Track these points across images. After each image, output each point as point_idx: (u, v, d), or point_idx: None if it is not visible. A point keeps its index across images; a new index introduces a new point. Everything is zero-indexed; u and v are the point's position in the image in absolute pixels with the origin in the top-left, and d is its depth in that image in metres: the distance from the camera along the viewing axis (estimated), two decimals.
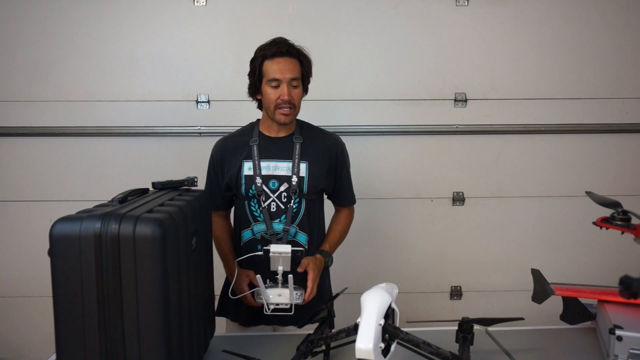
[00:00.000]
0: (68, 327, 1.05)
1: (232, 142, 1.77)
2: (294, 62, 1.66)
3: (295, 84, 1.66)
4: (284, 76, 1.63)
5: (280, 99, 1.64)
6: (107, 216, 1.04)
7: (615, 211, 1.54)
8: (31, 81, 2.50)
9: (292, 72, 1.65)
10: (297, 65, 1.67)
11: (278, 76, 1.64)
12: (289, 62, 1.65)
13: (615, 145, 2.65)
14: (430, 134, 2.61)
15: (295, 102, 1.67)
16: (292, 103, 1.65)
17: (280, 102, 1.64)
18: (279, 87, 1.64)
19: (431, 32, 2.56)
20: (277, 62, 1.64)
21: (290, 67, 1.65)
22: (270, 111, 1.68)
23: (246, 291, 1.64)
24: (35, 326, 2.59)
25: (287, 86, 1.64)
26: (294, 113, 1.69)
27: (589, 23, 2.58)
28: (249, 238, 1.73)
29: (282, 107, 1.65)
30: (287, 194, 1.70)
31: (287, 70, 1.64)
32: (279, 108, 1.65)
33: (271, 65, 1.64)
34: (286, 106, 1.65)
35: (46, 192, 2.56)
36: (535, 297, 1.52)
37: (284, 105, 1.65)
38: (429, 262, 2.69)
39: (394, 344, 1.18)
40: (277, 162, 1.71)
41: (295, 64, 1.67)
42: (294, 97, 1.66)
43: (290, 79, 1.64)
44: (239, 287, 1.67)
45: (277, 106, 1.65)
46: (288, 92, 1.64)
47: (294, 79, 1.65)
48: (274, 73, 1.64)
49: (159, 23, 2.50)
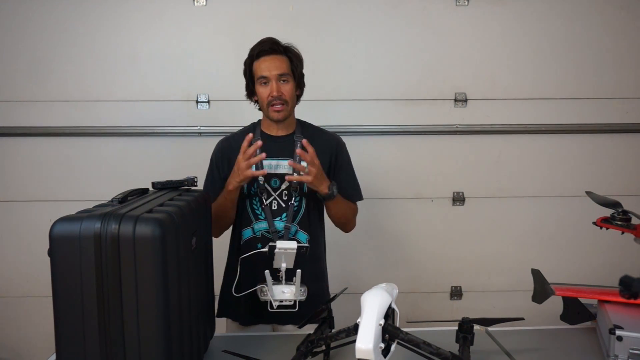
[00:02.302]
0: (68, 327, 1.05)
1: (235, 142, 1.78)
2: (280, 59, 1.69)
3: (285, 79, 1.68)
4: (271, 73, 1.66)
5: (270, 95, 1.67)
6: (107, 216, 1.04)
7: (615, 211, 1.54)
8: (32, 81, 2.51)
9: (278, 68, 1.67)
10: (285, 62, 1.69)
11: (265, 74, 1.67)
12: (275, 59, 1.68)
13: (615, 145, 2.65)
14: (430, 134, 2.61)
15: (286, 97, 1.69)
16: (282, 99, 1.68)
17: (271, 98, 1.67)
18: (268, 85, 1.67)
19: (431, 32, 2.56)
20: (264, 61, 1.68)
21: (276, 64, 1.67)
22: (265, 110, 1.71)
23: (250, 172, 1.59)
24: (35, 326, 2.59)
25: (275, 82, 1.66)
26: (287, 109, 1.71)
27: (589, 23, 2.58)
28: (250, 236, 1.74)
29: (274, 104, 1.68)
30: (288, 192, 1.72)
31: (273, 67, 1.67)
32: (271, 105, 1.68)
33: (259, 64, 1.68)
34: (277, 102, 1.67)
35: (46, 192, 2.56)
36: (535, 297, 1.52)
37: (275, 102, 1.67)
38: (429, 262, 2.69)
39: (394, 344, 1.18)
40: (279, 161, 1.72)
41: (283, 60, 1.69)
42: (285, 93, 1.68)
43: (278, 75, 1.67)
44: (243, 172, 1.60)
45: (269, 103, 1.68)
46: (277, 88, 1.66)
47: (282, 75, 1.68)
48: (261, 71, 1.67)
49: (159, 23, 2.50)
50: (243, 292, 1.62)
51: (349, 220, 1.86)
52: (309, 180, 1.60)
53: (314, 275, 1.76)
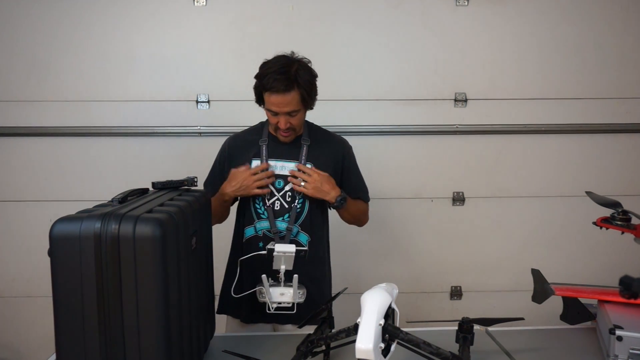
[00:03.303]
0: (68, 327, 1.05)
1: (242, 140, 1.82)
2: (292, 96, 1.62)
3: (295, 113, 1.67)
4: (281, 110, 1.65)
5: (278, 126, 1.68)
6: (107, 216, 1.04)
7: (615, 211, 1.54)
8: (31, 81, 2.50)
9: (289, 105, 1.64)
10: (296, 97, 1.63)
11: (275, 109, 1.65)
12: (287, 97, 1.62)
13: (615, 145, 2.65)
14: (430, 134, 2.61)
15: (294, 127, 1.71)
16: (290, 129, 1.70)
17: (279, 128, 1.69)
18: (277, 115, 1.66)
19: (431, 32, 2.56)
20: (275, 97, 1.62)
21: (287, 101, 1.63)
22: (272, 128, 1.74)
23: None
24: (35, 326, 2.59)
25: (284, 118, 1.66)
26: (294, 134, 1.75)
27: (589, 23, 2.58)
28: (251, 235, 1.75)
29: (280, 132, 1.71)
30: (292, 194, 1.73)
31: (284, 105, 1.64)
32: (279, 130, 1.70)
33: (269, 97, 1.64)
34: (286, 132, 1.70)
35: (46, 192, 2.56)
36: (535, 297, 1.52)
37: (283, 132, 1.70)
38: (429, 262, 2.69)
39: (394, 344, 1.18)
40: (284, 162, 1.74)
41: (294, 96, 1.63)
42: (293, 123, 1.69)
43: (287, 112, 1.65)
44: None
45: (276, 130, 1.71)
46: (285, 122, 1.67)
47: (292, 111, 1.66)
48: (270, 106, 1.66)
49: (159, 23, 2.50)
50: (243, 292, 1.62)
51: (361, 220, 1.91)
52: (309, 192, 1.67)
53: (315, 277, 1.76)
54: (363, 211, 1.89)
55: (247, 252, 1.65)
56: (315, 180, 1.68)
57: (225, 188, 1.72)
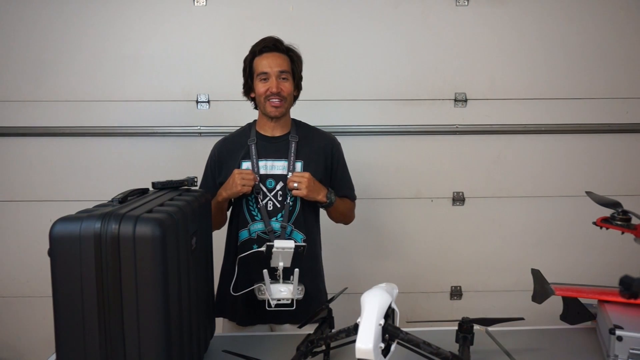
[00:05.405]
0: (68, 327, 1.05)
1: (230, 144, 1.81)
2: (282, 57, 1.72)
3: (285, 76, 1.71)
4: (272, 69, 1.69)
5: (269, 91, 1.69)
6: (107, 216, 1.04)
7: (615, 211, 1.54)
8: (31, 81, 2.50)
9: (280, 65, 1.70)
10: (286, 60, 1.73)
11: (266, 69, 1.69)
12: (277, 57, 1.71)
13: (615, 145, 2.65)
14: (430, 134, 2.61)
15: (285, 94, 1.71)
16: (281, 95, 1.70)
17: (270, 94, 1.69)
18: (268, 80, 1.69)
19: (431, 32, 2.56)
20: (266, 57, 1.71)
21: (278, 61, 1.70)
22: (262, 105, 1.73)
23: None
24: (35, 326, 2.59)
25: (275, 79, 1.69)
26: (285, 105, 1.73)
27: (589, 23, 2.58)
28: (246, 238, 1.75)
29: (271, 99, 1.70)
30: (283, 193, 1.72)
31: (275, 64, 1.70)
32: (268, 100, 1.70)
33: (260, 60, 1.71)
34: (276, 98, 1.69)
35: (46, 192, 2.55)
36: (535, 297, 1.52)
37: (273, 98, 1.69)
38: (429, 262, 2.69)
39: (394, 344, 1.18)
40: (274, 162, 1.74)
41: (284, 58, 1.72)
42: (283, 90, 1.70)
43: (279, 71, 1.70)
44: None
45: (267, 98, 1.70)
46: (277, 85, 1.69)
47: (283, 72, 1.70)
48: (262, 67, 1.70)
49: (159, 23, 2.50)
50: (240, 291, 1.63)
51: (348, 217, 1.91)
52: (304, 194, 1.65)
53: (311, 273, 1.77)
54: (350, 209, 1.89)
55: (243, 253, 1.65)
56: (307, 180, 1.66)
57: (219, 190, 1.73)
